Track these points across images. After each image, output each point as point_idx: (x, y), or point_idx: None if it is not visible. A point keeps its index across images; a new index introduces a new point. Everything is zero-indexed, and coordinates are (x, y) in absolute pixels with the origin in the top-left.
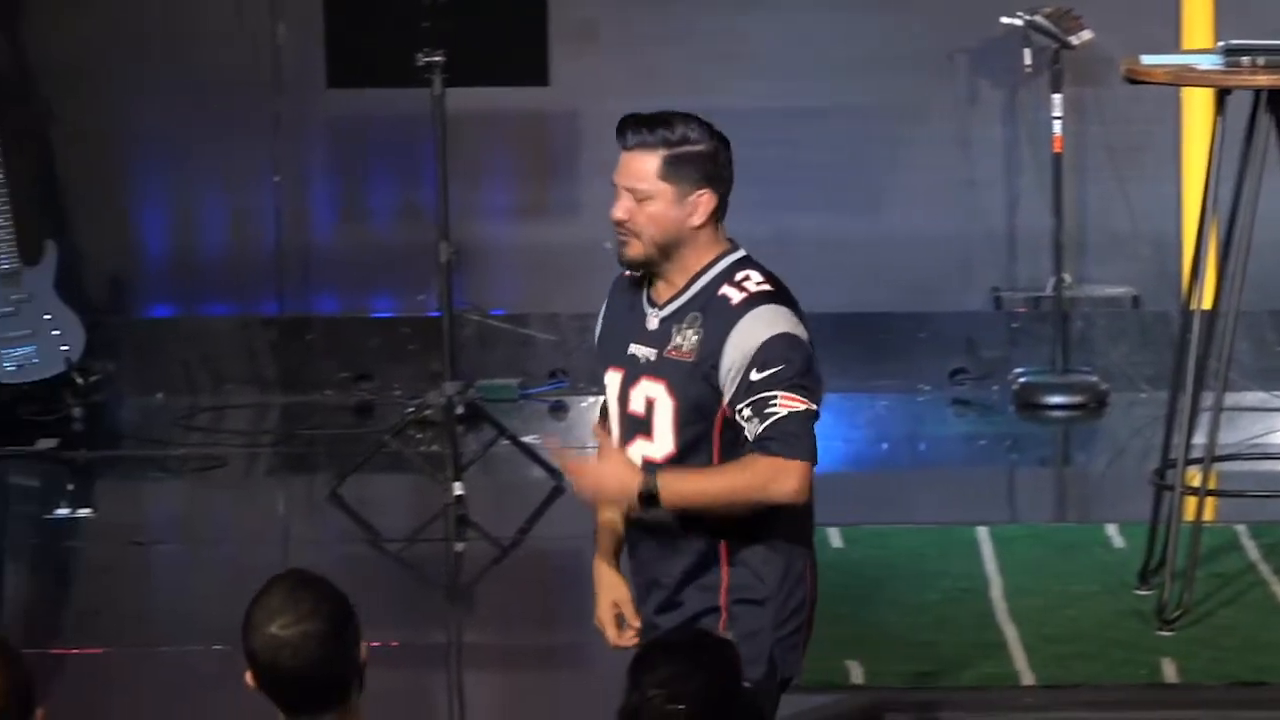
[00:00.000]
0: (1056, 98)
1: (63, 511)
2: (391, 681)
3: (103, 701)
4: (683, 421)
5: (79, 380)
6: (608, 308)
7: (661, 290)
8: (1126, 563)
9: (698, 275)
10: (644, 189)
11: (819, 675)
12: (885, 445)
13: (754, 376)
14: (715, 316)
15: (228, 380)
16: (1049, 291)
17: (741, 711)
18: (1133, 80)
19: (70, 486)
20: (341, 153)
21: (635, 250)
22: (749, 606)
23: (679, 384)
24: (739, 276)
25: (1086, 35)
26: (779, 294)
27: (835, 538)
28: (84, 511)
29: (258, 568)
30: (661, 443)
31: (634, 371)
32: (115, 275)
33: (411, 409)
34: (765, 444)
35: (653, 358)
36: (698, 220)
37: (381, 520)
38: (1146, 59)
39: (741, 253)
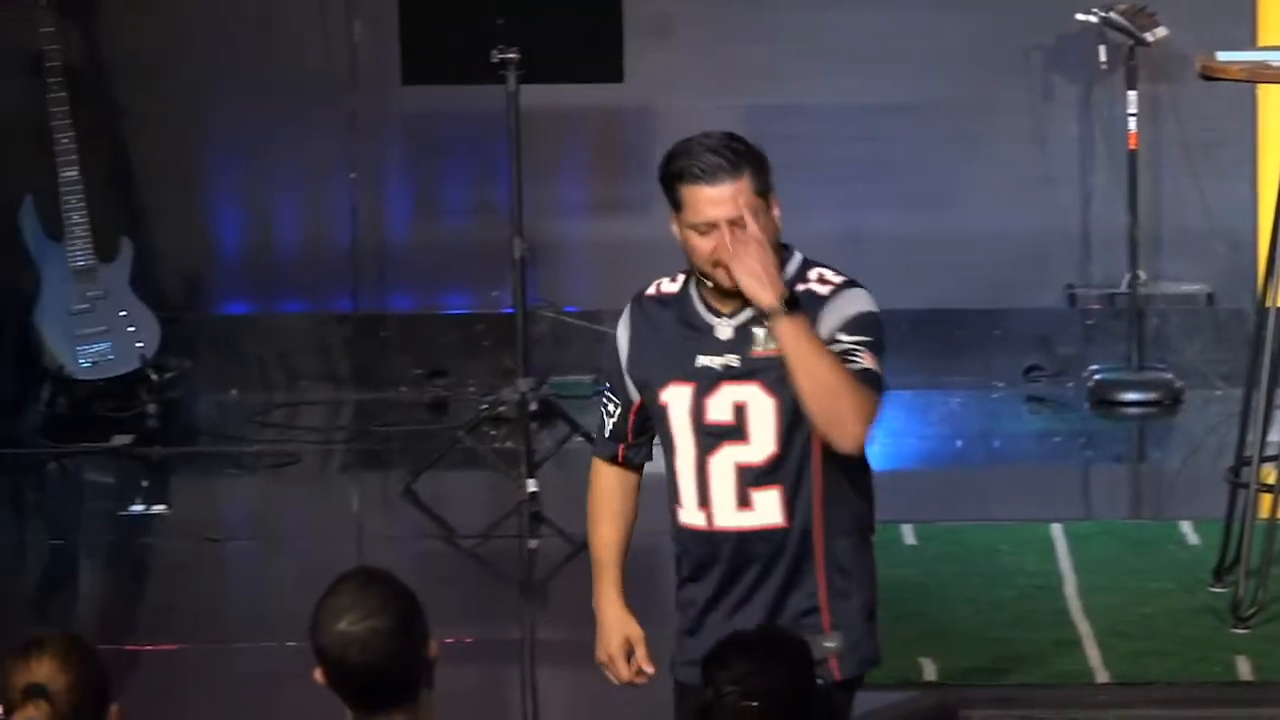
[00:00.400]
0: (1131, 94)
1: (137, 508)
2: (466, 678)
3: (177, 698)
4: (787, 418)
5: (154, 377)
6: (636, 330)
7: (724, 301)
8: (1201, 560)
9: None
10: (751, 207)
11: (892, 672)
12: (959, 442)
13: (842, 337)
14: (803, 309)
15: (302, 377)
16: (1124, 288)
17: (815, 709)
18: (1208, 77)
19: (145, 483)
20: (416, 150)
21: None
22: (846, 602)
23: (777, 379)
24: (813, 275)
25: (1161, 32)
26: (858, 283)
27: (909, 534)
28: (159, 508)
29: (332, 564)
30: (760, 444)
31: (708, 382)
32: (191, 272)
33: (485, 405)
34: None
35: (735, 363)
36: (780, 218)
37: (455, 517)
38: (1222, 55)
39: (801, 255)
